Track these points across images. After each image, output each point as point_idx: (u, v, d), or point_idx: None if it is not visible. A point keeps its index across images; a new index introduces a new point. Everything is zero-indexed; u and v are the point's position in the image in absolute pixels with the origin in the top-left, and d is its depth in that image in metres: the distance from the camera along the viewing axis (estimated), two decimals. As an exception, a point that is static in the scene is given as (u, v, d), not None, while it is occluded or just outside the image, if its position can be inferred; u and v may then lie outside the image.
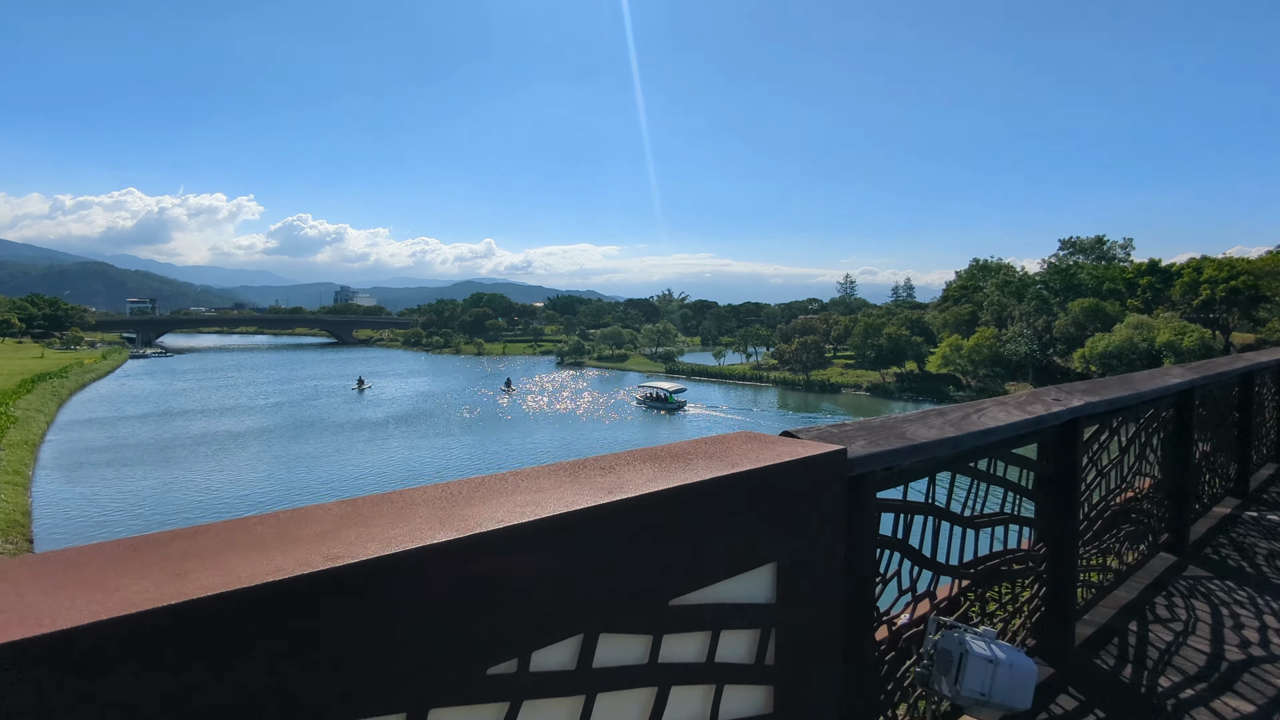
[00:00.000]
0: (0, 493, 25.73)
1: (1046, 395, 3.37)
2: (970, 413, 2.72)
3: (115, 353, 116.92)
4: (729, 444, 1.79)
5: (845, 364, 79.90)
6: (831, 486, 1.79)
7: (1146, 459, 4.52)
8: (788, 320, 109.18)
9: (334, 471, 34.49)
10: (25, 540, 22.03)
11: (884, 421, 2.37)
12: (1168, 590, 4.34)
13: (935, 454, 2.31)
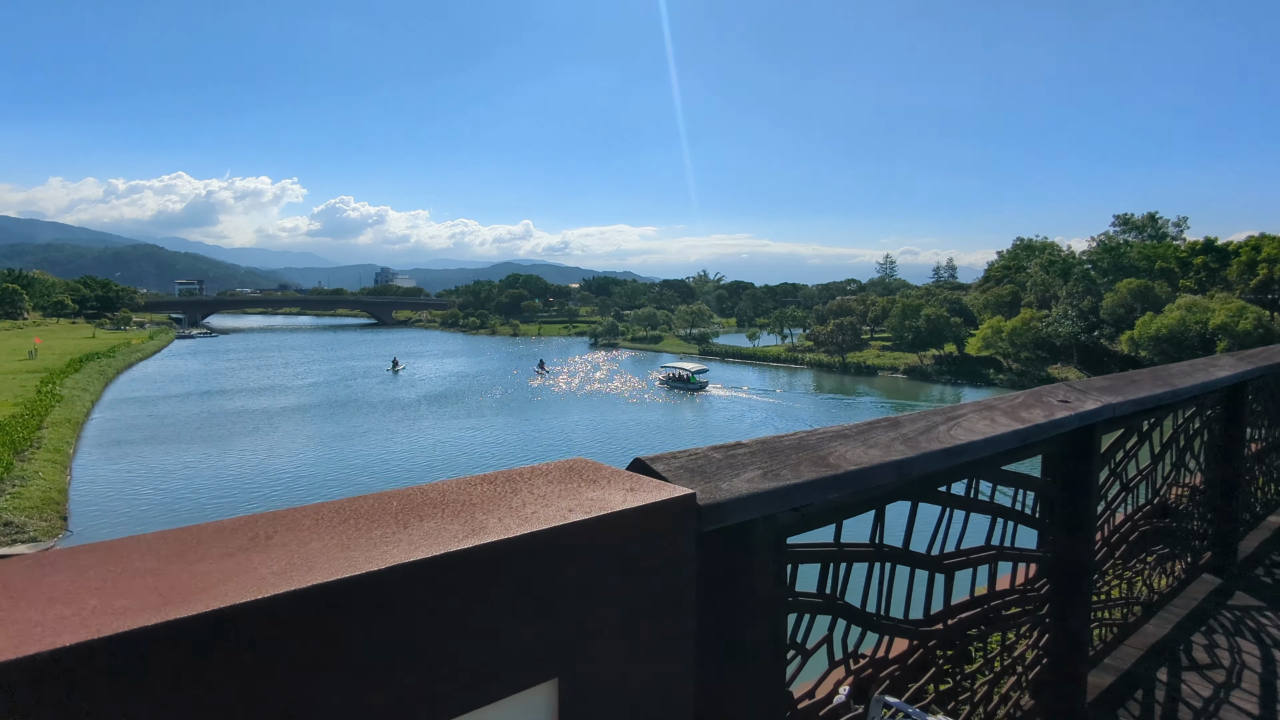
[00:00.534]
0: (40, 471, 26.30)
1: (1051, 396, 2.71)
2: (938, 423, 2.10)
3: (162, 333, 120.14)
4: (510, 485, 1.20)
5: (882, 346, 78.14)
6: (664, 548, 1.18)
7: (1186, 465, 3.79)
8: (824, 301, 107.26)
9: (365, 452, 34.71)
10: (59, 518, 22.48)
11: (801, 440, 1.72)
12: (1209, 624, 3.62)
13: (875, 484, 1.71)
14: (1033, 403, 2.58)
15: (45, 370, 54.90)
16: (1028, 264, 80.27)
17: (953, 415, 2.22)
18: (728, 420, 43.79)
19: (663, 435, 39.57)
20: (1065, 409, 2.55)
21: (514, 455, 33.88)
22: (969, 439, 2.05)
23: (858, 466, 1.65)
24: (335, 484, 28.66)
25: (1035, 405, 2.55)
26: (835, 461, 1.65)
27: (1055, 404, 2.60)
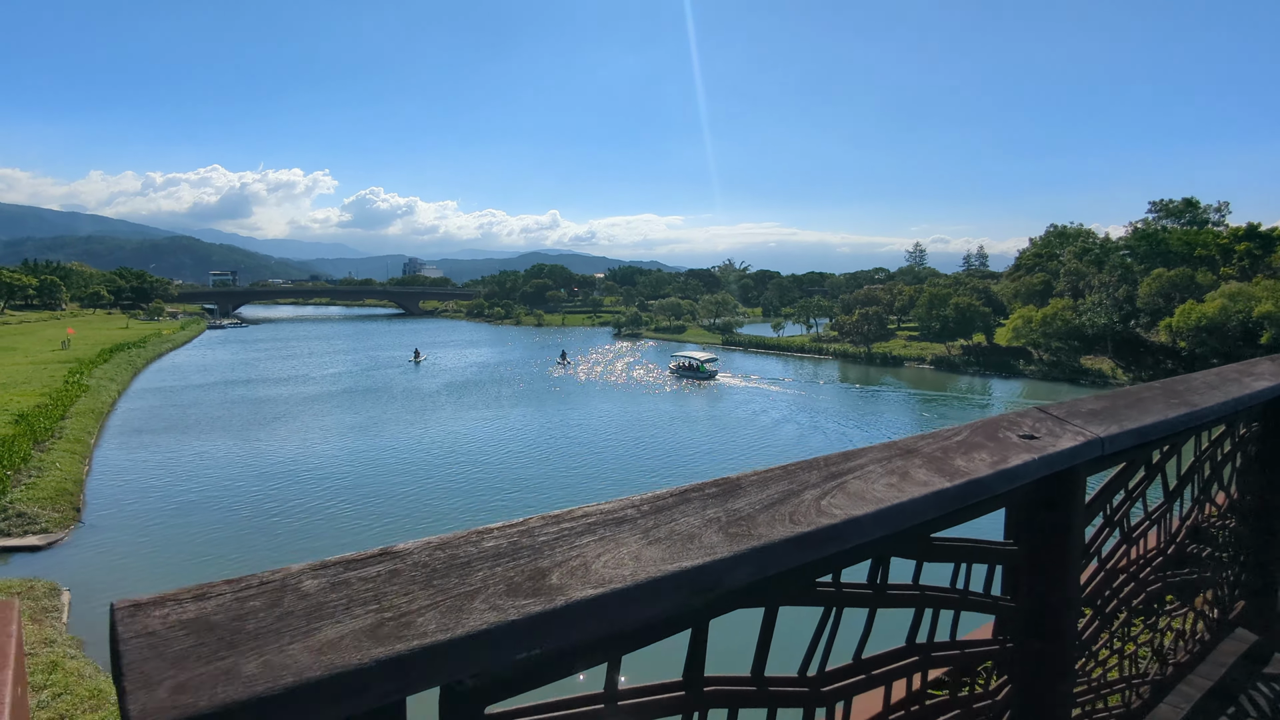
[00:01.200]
0: (57, 461, 26.52)
1: (1012, 429, 1.93)
2: (809, 485, 1.39)
3: (194, 323, 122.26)
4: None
5: (909, 336, 76.62)
6: None
7: (1211, 498, 2.92)
8: (851, 290, 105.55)
9: (379, 443, 34.66)
10: (73, 509, 22.59)
11: (515, 544, 1.16)
12: (1239, 702, 2.78)
13: (629, 617, 1.06)
14: (980, 441, 1.80)
15: (75, 360, 55.88)
16: (1060, 252, 77.96)
17: (839, 471, 1.47)
18: (733, 408, 43.09)
19: (675, 428, 39.05)
20: (1025, 452, 1.77)
21: (525, 446, 33.61)
22: (848, 515, 1.31)
23: (594, 593, 1.00)
24: (349, 475, 28.61)
25: (981, 446, 1.76)
26: (559, 583, 1.01)
27: (1014, 441, 1.84)
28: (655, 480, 27.59)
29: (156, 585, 11.68)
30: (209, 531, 21.75)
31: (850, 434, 36.87)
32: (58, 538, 20.28)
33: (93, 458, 30.54)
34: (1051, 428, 2.00)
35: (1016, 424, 1.99)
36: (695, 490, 1.30)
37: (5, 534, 19.83)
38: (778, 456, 31.62)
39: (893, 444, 1.70)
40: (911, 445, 1.72)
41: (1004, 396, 51.11)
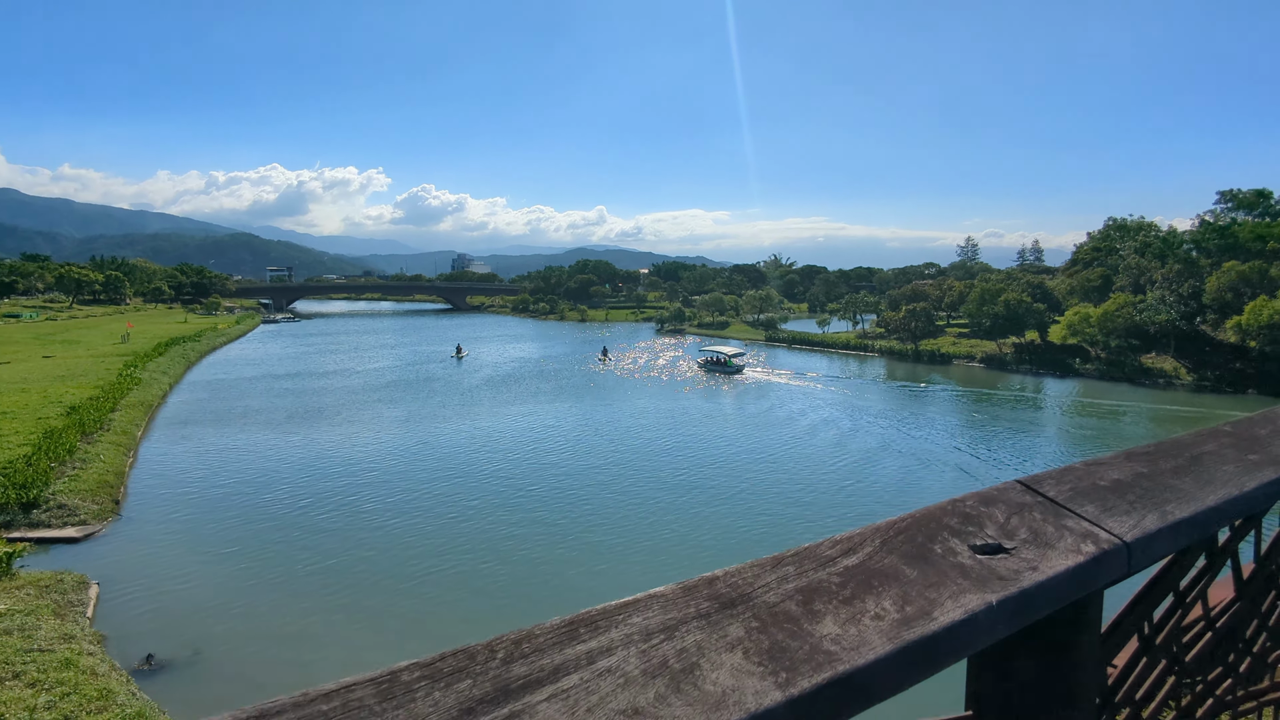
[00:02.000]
0: (101, 453, 27.27)
1: (961, 538, 1.07)
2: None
3: (249, 318, 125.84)
4: None
5: (958, 333, 74.29)
6: None
7: None
8: (899, 286, 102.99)
9: (417, 438, 34.91)
10: (111, 502, 23.14)
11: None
12: None
13: None
14: (892, 568, 0.99)
15: (131, 354, 57.85)
16: (1120, 245, 74.59)
17: (531, 680, 0.78)
18: (764, 406, 42.18)
19: (708, 426, 38.40)
20: (980, 589, 0.97)
21: (557, 443, 33.42)
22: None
23: None
24: (386, 470, 28.81)
25: (890, 580, 0.96)
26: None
27: (961, 563, 1.02)
28: (679, 481, 27.11)
29: (185, 581, 11.68)
30: (243, 527, 22.03)
31: (887, 435, 35.73)
32: (95, 530, 20.77)
33: (138, 450, 31.40)
34: (1039, 526, 1.14)
35: (975, 520, 1.13)
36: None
37: (45, 525, 20.39)
38: (796, 456, 30.80)
39: (709, 586, 0.90)
40: (742, 586, 0.91)
41: (1058, 396, 49.07)
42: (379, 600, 17.08)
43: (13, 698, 10.13)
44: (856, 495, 25.74)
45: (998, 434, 36.37)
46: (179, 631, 15.17)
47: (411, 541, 20.79)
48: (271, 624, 15.76)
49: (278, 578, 18.22)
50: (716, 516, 23.14)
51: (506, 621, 15.86)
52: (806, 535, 21.20)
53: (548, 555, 19.83)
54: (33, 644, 12.17)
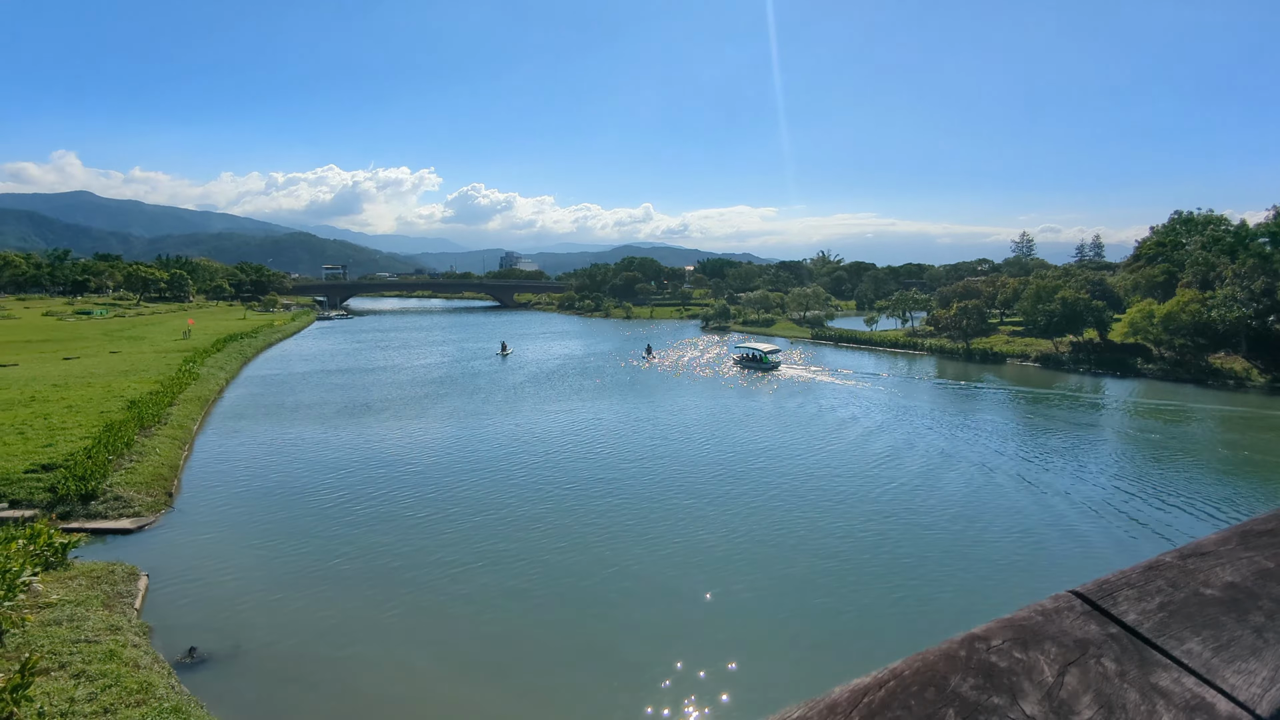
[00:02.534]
0: (158, 447, 28.21)
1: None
2: None
3: (304, 314, 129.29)
4: None
5: (1012, 331, 72.05)
6: None
7: None
8: (951, 283, 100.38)
9: (461, 434, 35.29)
10: (165, 494, 23.89)
11: None
12: None
13: None
14: None
15: (191, 349, 59.91)
16: (1187, 240, 71.31)
17: None
18: (805, 405, 41.40)
19: (748, 426, 37.87)
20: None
21: (597, 441, 33.37)
22: None
23: None
24: (429, 465, 29.16)
25: None
26: None
27: None
28: (717, 484, 26.79)
29: (231, 573, 11.88)
30: (288, 520, 22.51)
31: (937, 439, 34.74)
32: (148, 521, 21.46)
33: (194, 443, 32.44)
34: (1114, 691, 0.70)
35: (1004, 680, 0.71)
36: None
37: (102, 516, 21.15)
38: (837, 461, 30.12)
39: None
40: None
41: (1118, 397, 47.10)
42: (416, 597, 17.22)
43: (56, 688, 10.45)
44: (902, 501, 25.08)
45: (1053, 437, 35.07)
46: (222, 624, 15.52)
47: (449, 539, 20.96)
48: (311, 619, 16.01)
49: (319, 572, 18.53)
50: (748, 522, 22.78)
51: (541, 624, 15.84)
52: (845, 546, 20.72)
53: (583, 556, 19.76)
54: (80, 635, 12.57)
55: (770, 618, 16.40)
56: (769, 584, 18.04)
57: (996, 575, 18.73)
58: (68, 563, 16.60)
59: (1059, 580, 17.66)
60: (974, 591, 17.78)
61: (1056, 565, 19.08)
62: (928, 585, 18.05)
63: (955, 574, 18.75)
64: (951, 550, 20.25)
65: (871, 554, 19.95)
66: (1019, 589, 17.78)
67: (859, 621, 16.30)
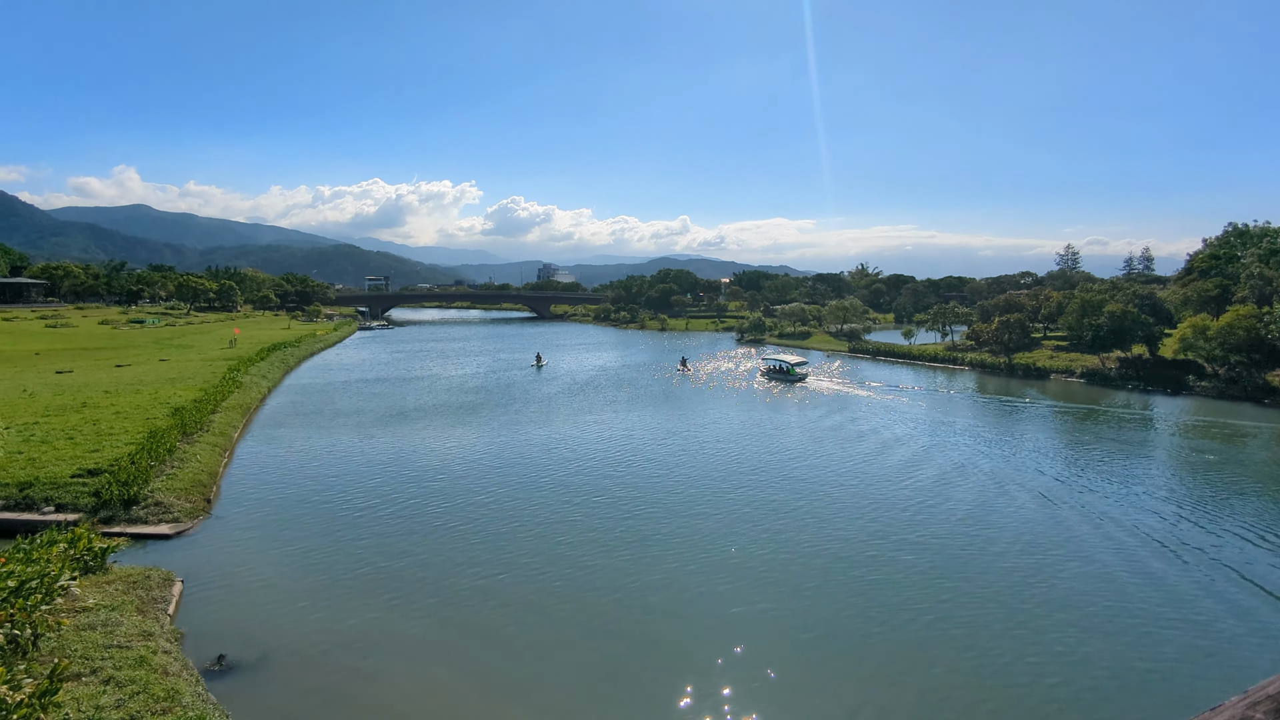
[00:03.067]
0: (199, 453, 28.88)
1: None
2: None
3: (346, 324, 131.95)
4: None
5: (1056, 346, 70.15)
6: None
7: None
8: (992, 296, 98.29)
9: (495, 444, 35.53)
10: (203, 500, 24.42)
11: None
12: None
13: None
14: None
15: (236, 358, 61.44)
16: (1242, 253, 68.77)
17: None
18: (833, 414, 40.68)
19: (779, 438, 37.38)
20: None
21: (632, 455, 33.25)
22: None
23: None
24: (464, 475, 29.36)
25: None
26: None
27: None
28: (746, 497, 26.44)
29: (263, 581, 12.07)
30: (322, 529, 22.81)
31: (974, 457, 33.87)
32: (186, 527, 21.93)
33: (234, 450, 33.19)
34: None
35: None
36: None
37: (142, 521, 21.68)
38: (873, 479, 29.50)
39: None
40: None
41: (1170, 415, 45.45)
42: (446, 610, 17.25)
43: (85, 694, 10.65)
44: (949, 528, 24.44)
45: (1110, 459, 33.92)
46: (252, 632, 15.72)
47: (479, 550, 21.01)
48: (338, 627, 16.13)
49: (349, 580, 18.70)
50: (777, 540, 22.41)
51: (566, 641, 15.72)
52: (878, 561, 20.22)
53: (611, 570, 19.62)
54: (113, 640, 12.83)
55: (802, 639, 16.05)
56: (799, 605, 17.69)
57: (1058, 615, 18.07)
58: (106, 567, 17.01)
59: (1138, 629, 16.82)
60: (1038, 641, 17.18)
61: (1136, 610, 17.56)
62: (982, 621, 17.49)
63: (1016, 614, 18.12)
64: (1011, 587, 19.51)
65: (919, 589, 19.44)
66: (1093, 638, 16.38)
67: (906, 668, 15.85)
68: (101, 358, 62.55)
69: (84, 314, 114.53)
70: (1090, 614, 17.31)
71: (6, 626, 11.27)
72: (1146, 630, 16.58)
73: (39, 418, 33.40)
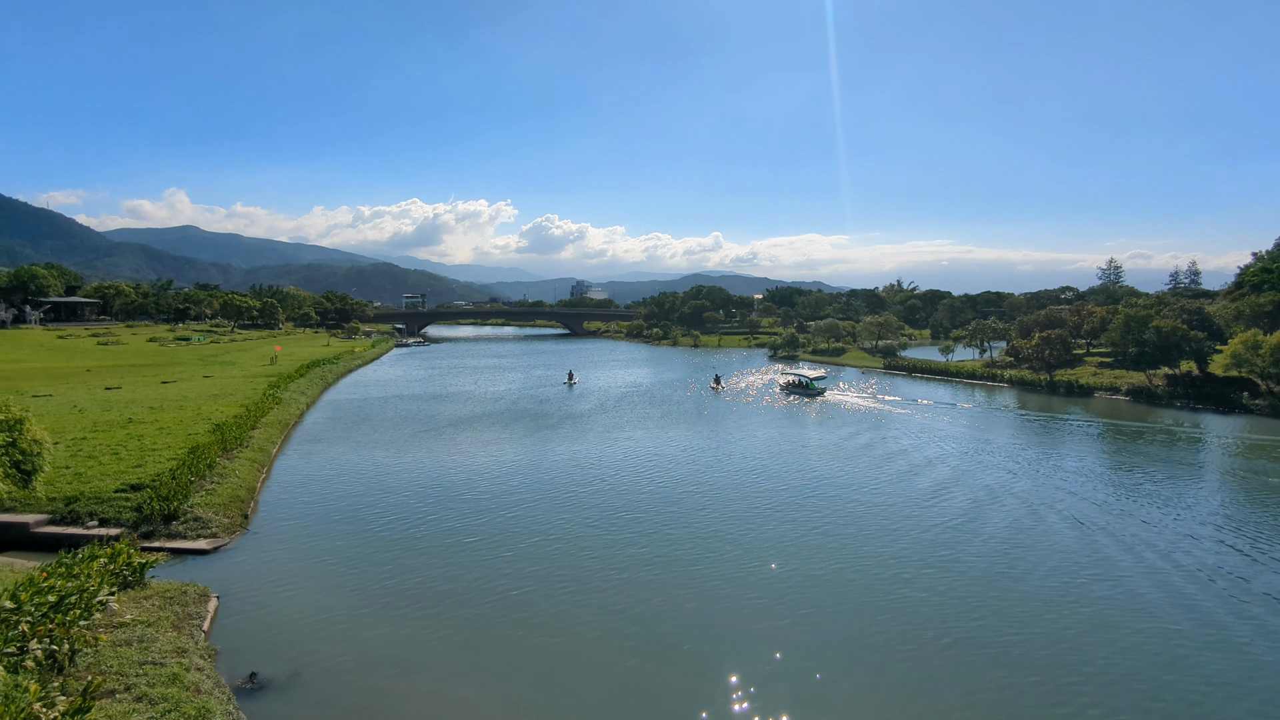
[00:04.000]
0: (238, 469, 29.40)
1: None
2: None
3: (383, 341, 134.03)
4: None
5: (1100, 363, 68.29)
6: None
7: None
8: (1032, 311, 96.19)
9: (529, 464, 35.60)
10: (241, 516, 24.79)
11: None
12: None
13: None
14: None
15: (276, 374, 62.73)
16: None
17: None
18: (871, 433, 39.88)
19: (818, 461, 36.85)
20: None
21: (666, 474, 33.05)
22: None
23: None
24: (496, 493, 29.46)
25: None
26: None
27: None
28: (779, 517, 26.03)
29: (298, 598, 12.14)
30: (357, 546, 22.97)
31: (1017, 485, 32.97)
32: (224, 543, 22.28)
33: (272, 466, 33.75)
34: None
35: None
36: None
37: (181, 536, 22.08)
38: (919, 506, 28.85)
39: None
40: None
41: (1223, 434, 43.82)
42: (477, 629, 17.19)
43: (118, 711, 10.77)
44: (992, 560, 23.80)
45: (1167, 479, 32.82)
46: (285, 649, 15.82)
47: (511, 567, 20.96)
48: (370, 646, 16.15)
49: (382, 599, 18.74)
50: (815, 556, 22.00)
51: (596, 664, 15.54)
52: (913, 581, 19.71)
53: (640, 589, 19.41)
54: (148, 656, 13.00)
55: (834, 656, 15.66)
56: (831, 623, 17.28)
57: (1098, 635, 17.40)
58: (145, 582, 17.32)
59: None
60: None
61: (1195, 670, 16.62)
62: (1020, 662, 16.93)
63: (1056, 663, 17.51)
64: (1053, 610, 18.95)
65: (954, 609, 18.90)
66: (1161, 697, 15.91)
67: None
68: (148, 374, 64.37)
69: (133, 331, 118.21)
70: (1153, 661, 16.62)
71: (45, 642, 11.48)
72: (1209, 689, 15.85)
73: (87, 433, 34.39)
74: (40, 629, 11.64)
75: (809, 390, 61.19)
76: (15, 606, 12.09)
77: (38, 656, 11.16)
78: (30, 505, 22.90)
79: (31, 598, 12.62)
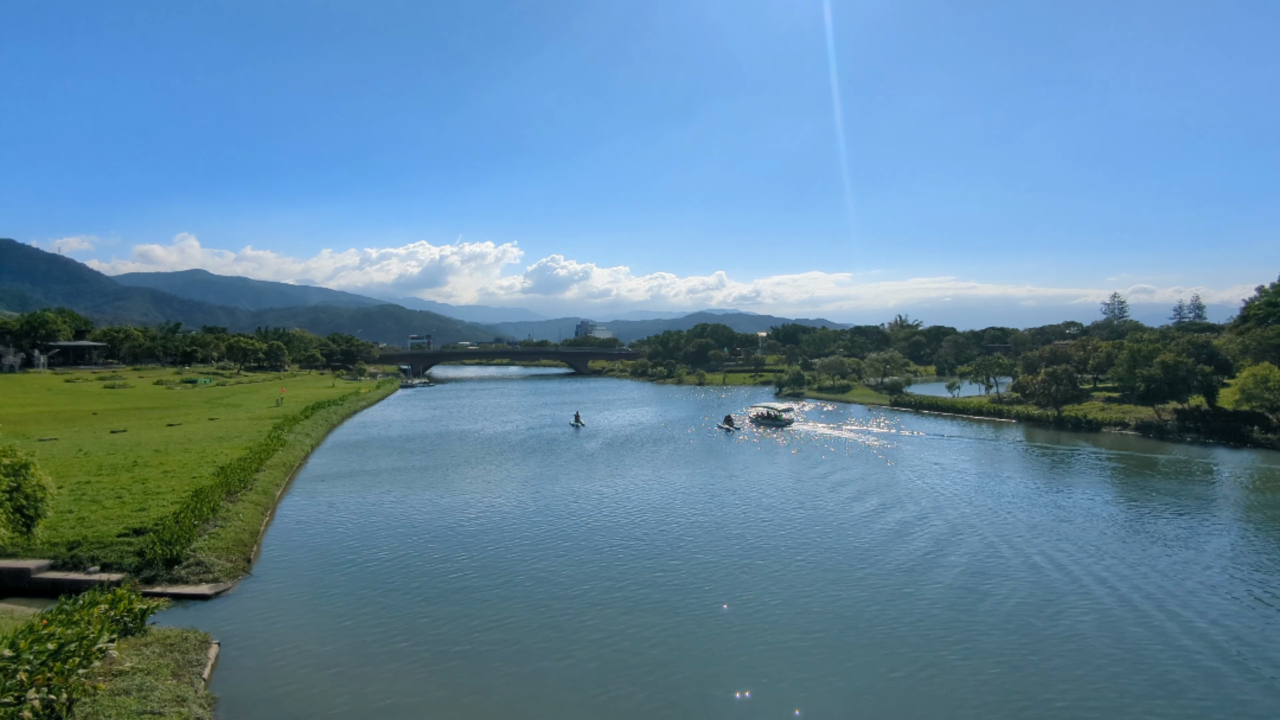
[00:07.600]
0: (241, 512, 29.20)
1: None
2: None
3: (389, 383, 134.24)
4: None
5: (1107, 397, 67.92)
6: None
7: None
8: (1036, 346, 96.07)
9: (536, 509, 35.31)
10: (244, 560, 24.55)
11: None
12: None
13: None
14: None
15: (281, 417, 62.72)
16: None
17: None
18: (884, 473, 39.53)
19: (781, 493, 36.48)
20: None
21: (671, 513, 32.74)
22: None
23: None
24: (502, 538, 29.18)
25: None
26: None
27: None
28: (793, 559, 25.67)
29: (301, 643, 11.93)
30: (361, 592, 22.64)
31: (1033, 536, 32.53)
32: (226, 588, 22.02)
33: (277, 509, 33.52)
34: None
35: None
36: None
37: (183, 581, 21.83)
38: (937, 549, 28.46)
39: None
40: None
41: (1236, 469, 43.32)
42: (482, 680, 16.83)
43: (115, 762, 10.53)
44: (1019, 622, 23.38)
45: (1186, 515, 32.36)
46: (286, 699, 15.49)
47: (514, 614, 20.60)
48: (374, 698, 15.78)
49: (385, 647, 18.40)
50: (822, 595, 21.63)
51: (602, 709, 15.18)
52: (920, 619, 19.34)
53: (657, 635, 19.06)
54: (146, 706, 12.75)
55: (832, 690, 15.27)
56: (832, 661, 16.90)
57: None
58: (145, 628, 17.07)
59: None
60: None
61: None
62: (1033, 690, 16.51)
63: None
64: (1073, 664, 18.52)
65: (953, 645, 18.50)
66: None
67: None
68: (154, 417, 64.48)
69: (140, 375, 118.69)
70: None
71: (43, 691, 11.27)
72: None
73: (91, 476, 34.32)
74: (39, 678, 11.44)
75: (778, 422, 67.55)
76: (14, 655, 11.91)
77: (35, 707, 10.95)
78: (32, 551, 22.73)
79: (30, 645, 12.43)
